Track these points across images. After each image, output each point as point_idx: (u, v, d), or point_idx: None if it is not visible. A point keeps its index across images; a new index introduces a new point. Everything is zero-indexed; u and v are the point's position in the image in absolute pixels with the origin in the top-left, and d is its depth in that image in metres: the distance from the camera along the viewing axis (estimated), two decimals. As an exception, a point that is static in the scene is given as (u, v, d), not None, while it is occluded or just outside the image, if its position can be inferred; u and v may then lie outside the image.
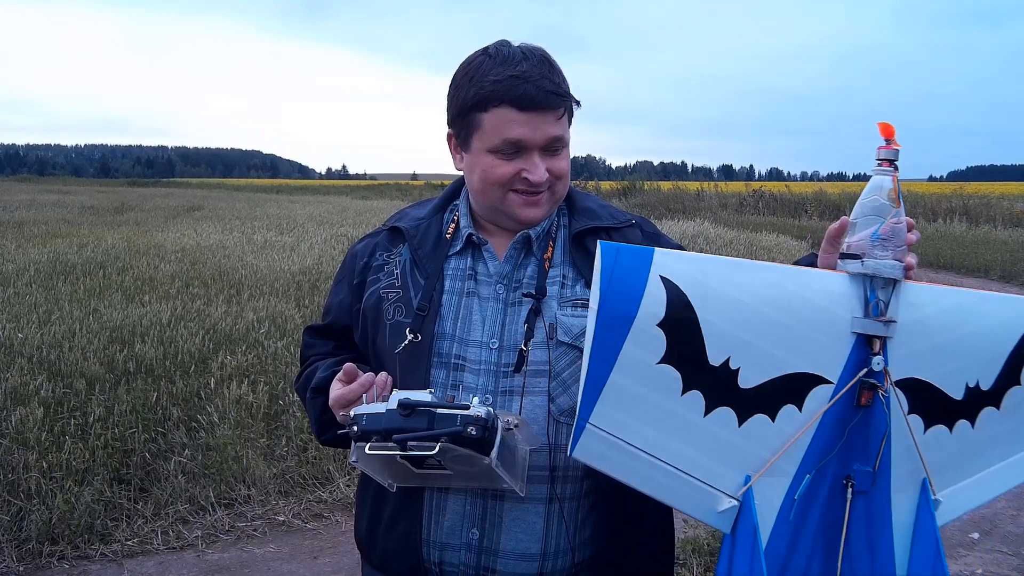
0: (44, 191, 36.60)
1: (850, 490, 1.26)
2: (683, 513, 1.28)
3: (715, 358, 1.21)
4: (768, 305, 1.23)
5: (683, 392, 1.21)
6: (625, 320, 1.18)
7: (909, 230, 1.31)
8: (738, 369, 1.22)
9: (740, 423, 1.23)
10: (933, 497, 1.31)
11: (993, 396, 1.34)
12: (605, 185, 36.57)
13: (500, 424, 1.26)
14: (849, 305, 1.26)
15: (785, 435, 1.24)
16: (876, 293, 1.25)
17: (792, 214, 24.58)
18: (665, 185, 33.98)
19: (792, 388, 1.24)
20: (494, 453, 1.24)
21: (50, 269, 9.39)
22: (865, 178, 1.35)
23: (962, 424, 1.34)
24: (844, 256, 1.29)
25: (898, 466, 1.29)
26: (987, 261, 14.16)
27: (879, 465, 1.27)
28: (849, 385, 1.24)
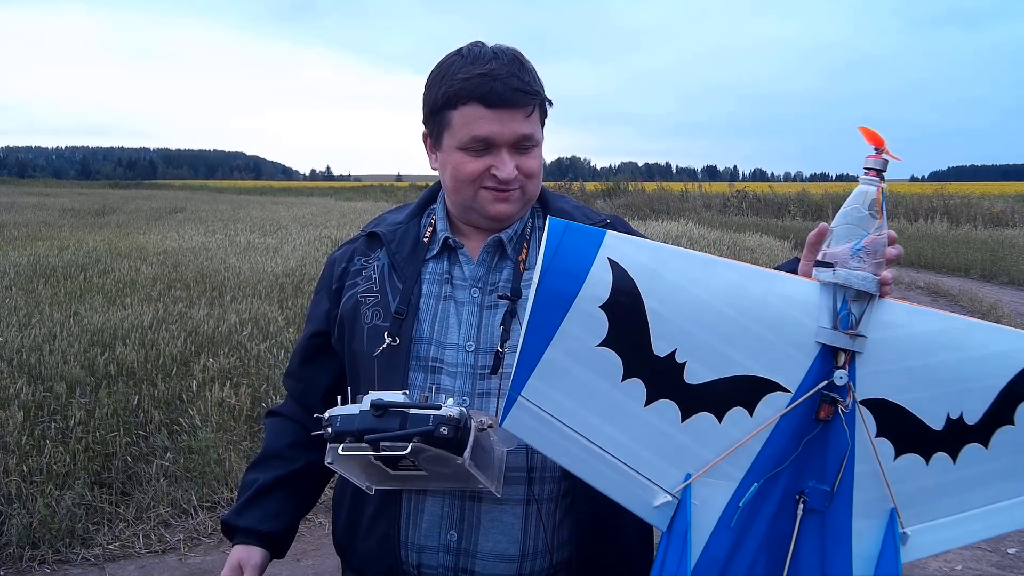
0: (24, 193, 36.28)
1: (801, 507, 1.21)
2: (617, 503, 1.24)
3: (660, 348, 1.19)
4: (727, 305, 1.20)
5: (623, 379, 1.19)
6: (565, 299, 1.18)
7: (891, 243, 1.23)
8: (684, 363, 1.19)
9: (683, 419, 1.20)
10: (901, 530, 1.24)
11: (980, 432, 1.23)
12: (590, 186, 36.62)
13: (473, 424, 1.26)
14: (816, 314, 1.21)
15: (732, 438, 1.21)
16: (848, 305, 1.20)
17: (775, 214, 24.71)
18: (649, 186, 34.09)
19: (743, 391, 1.21)
20: (467, 453, 1.24)
21: (30, 272, 9.31)
22: (848, 179, 1.32)
23: (941, 457, 1.24)
24: (819, 264, 1.24)
25: (862, 491, 1.23)
26: (968, 261, 14.29)
27: (839, 486, 1.21)
28: (807, 396, 1.19)
